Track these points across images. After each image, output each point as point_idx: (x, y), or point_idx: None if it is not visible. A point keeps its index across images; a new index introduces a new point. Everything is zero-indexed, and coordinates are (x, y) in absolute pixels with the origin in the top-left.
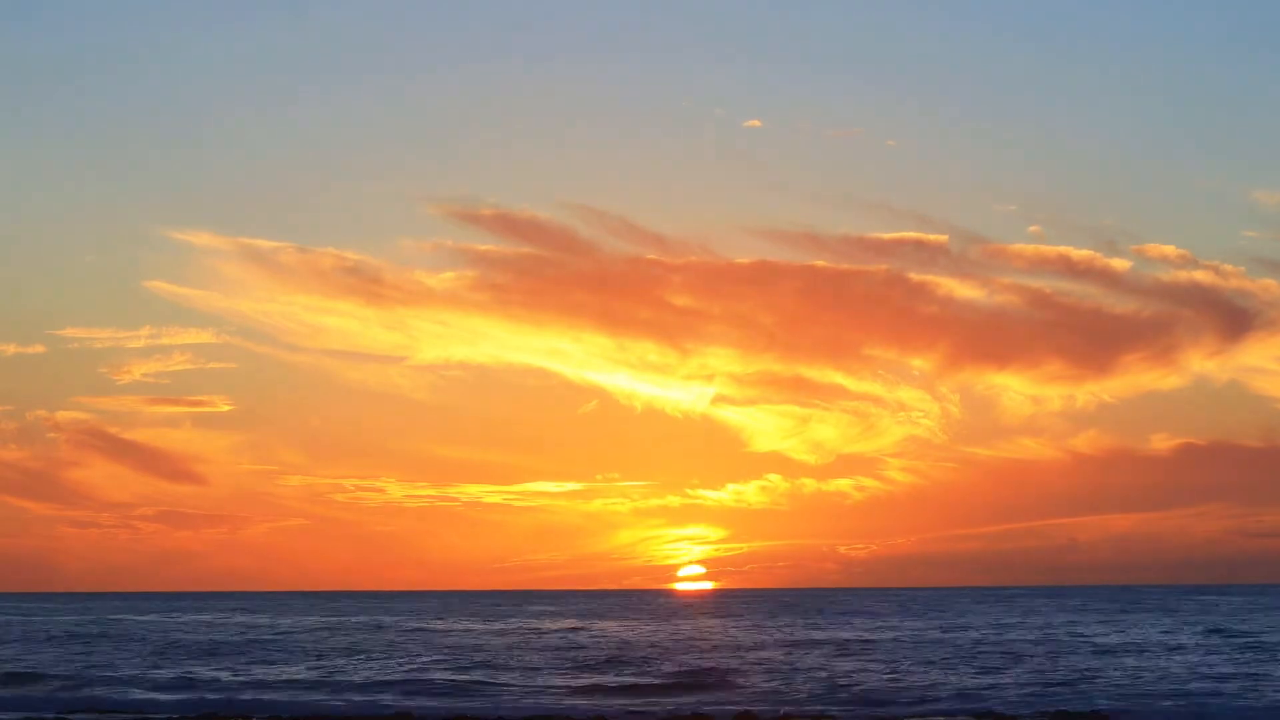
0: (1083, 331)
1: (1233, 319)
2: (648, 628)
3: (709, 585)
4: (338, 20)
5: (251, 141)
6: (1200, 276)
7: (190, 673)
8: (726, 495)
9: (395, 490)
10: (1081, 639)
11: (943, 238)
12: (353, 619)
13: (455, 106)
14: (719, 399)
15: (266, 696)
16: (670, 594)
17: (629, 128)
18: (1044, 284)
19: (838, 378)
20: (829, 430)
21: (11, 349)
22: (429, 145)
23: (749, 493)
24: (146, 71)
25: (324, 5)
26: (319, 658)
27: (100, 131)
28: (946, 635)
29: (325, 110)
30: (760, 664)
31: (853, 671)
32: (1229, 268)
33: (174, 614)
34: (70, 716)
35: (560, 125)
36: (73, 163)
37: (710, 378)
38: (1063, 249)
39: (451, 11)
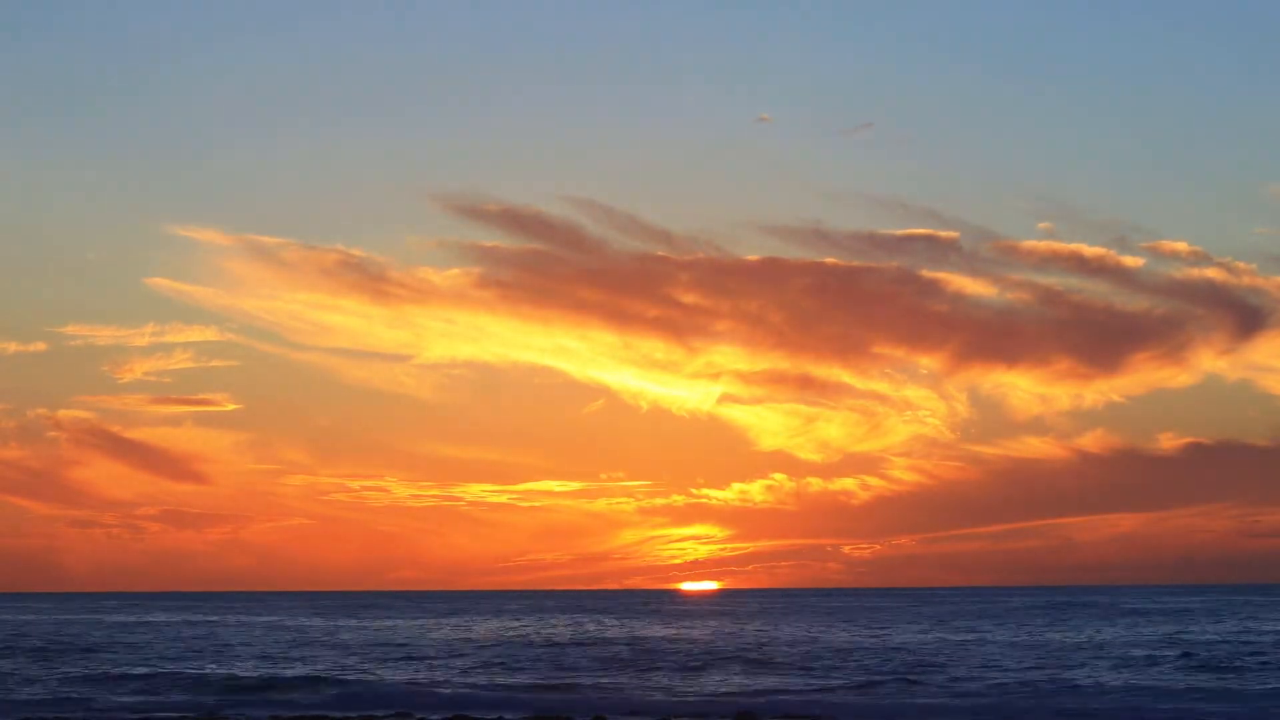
0: (1093, 329)
1: (1244, 316)
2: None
3: (713, 585)
4: (341, 18)
5: (255, 137)
6: (1212, 273)
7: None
8: (731, 494)
9: (399, 490)
10: None
11: (954, 234)
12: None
13: (460, 102)
14: (725, 397)
15: None
16: (675, 594)
17: (636, 123)
18: (1055, 281)
19: (845, 376)
20: (835, 429)
21: (12, 347)
22: (434, 141)
23: (754, 492)
24: (149, 68)
25: (327, 3)
26: None
27: (102, 128)
28: None
29: (328, 106)
30: None
31: None
32: (1241, 264)
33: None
34: None
35: (566, 120)
36: (75, 159)
37: (717, 376)
38: (1074, 245)
39: (455, 7)
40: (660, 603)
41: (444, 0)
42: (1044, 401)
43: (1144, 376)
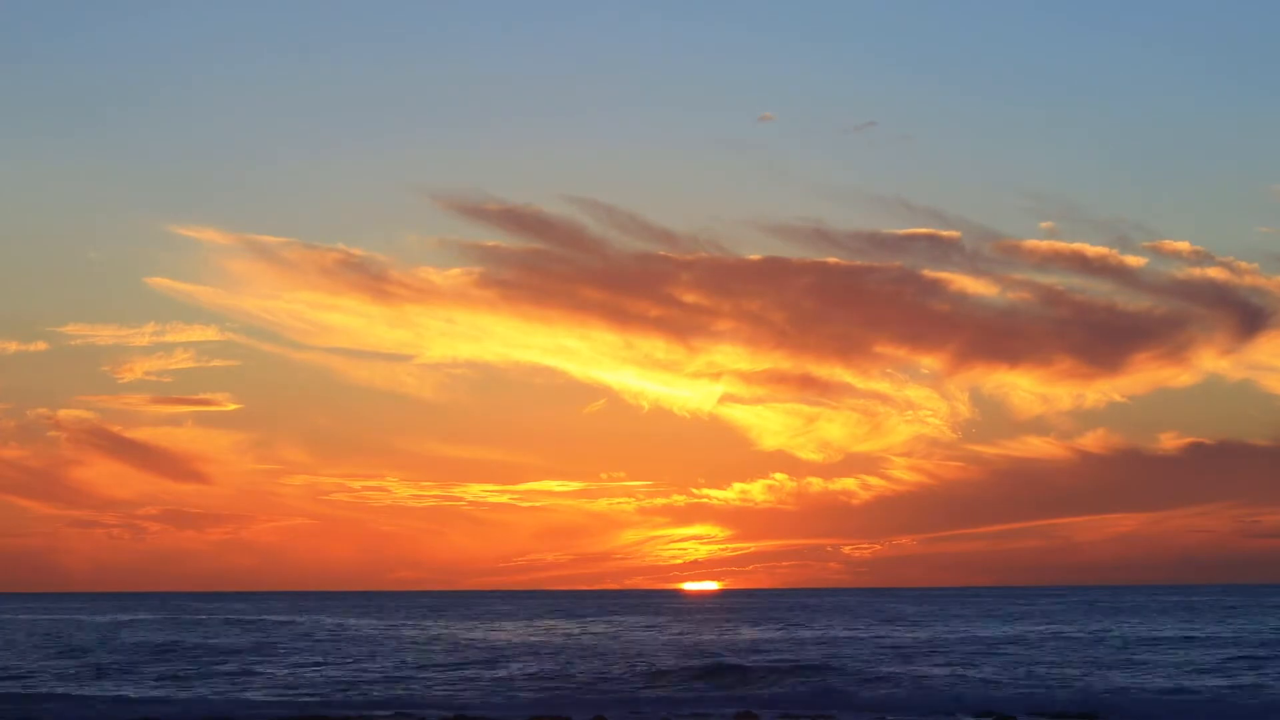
0: (1095, 329)
1: (1246, 316)
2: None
3: (713, 585)
4: (341, 20)
5: (255, 137)
6: (1214, 273)
7: None
8: (732, 494)
9: (400, 490)
10: None
11: (956, 233)
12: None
13: (461, 101)
14: (726, 397)
15: None
16: (676, 594)
17: (638, 122)
18: (1057, 280)
19: (846, 376)
20: (836, 429)
21: (13, 346)
22: (435, 140)
23: (755, 492)
24: (149, 70)
25: (330, 3)
26: None
27: (103, 128)
28: None
29: (330, 106)
30: None
31: None
32: (1243, 264)
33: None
34: None
35: (568, 120)
36: (76, 159)
37: (718, 376)
38: (1076, 245)
39: (456, 7)
40: (601, 602)
41: (444, 1)
42: (1045, 401)
43: (1145, 376)
